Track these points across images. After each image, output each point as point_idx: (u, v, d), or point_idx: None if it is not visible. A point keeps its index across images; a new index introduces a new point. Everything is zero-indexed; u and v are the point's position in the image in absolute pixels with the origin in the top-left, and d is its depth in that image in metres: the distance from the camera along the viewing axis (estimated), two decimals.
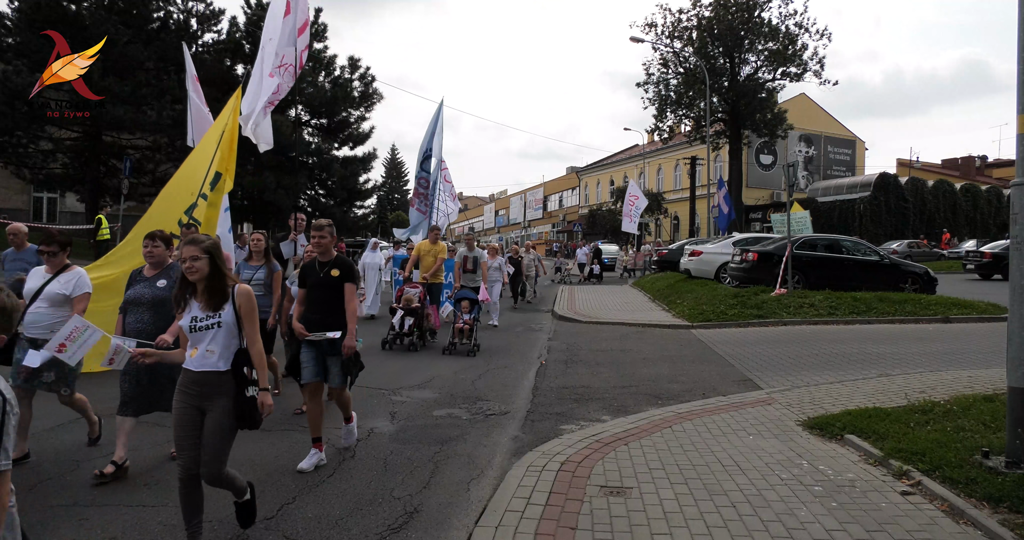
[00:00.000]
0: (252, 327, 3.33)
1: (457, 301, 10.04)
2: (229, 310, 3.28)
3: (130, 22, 22.85)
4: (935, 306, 13.11)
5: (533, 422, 5.96)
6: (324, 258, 4.87)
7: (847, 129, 52.42)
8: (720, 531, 3.51)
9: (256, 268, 6.47)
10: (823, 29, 32.77)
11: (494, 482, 4.38)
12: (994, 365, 7.65)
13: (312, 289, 4.82)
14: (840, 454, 4.76)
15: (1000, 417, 4.87)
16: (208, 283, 3.26)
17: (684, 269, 20.04)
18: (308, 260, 5.14)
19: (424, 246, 10.71)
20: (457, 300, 10.06)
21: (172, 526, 3.59)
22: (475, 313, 9.86)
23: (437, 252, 10.53)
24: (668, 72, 33.02)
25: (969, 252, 25.02)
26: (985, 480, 3.95)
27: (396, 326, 9.70)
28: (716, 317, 12.71)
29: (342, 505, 3.99)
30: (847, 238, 17.70)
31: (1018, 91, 4.21)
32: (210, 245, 3.27)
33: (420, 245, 10.86)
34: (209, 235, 3.49)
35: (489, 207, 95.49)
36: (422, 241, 11.16)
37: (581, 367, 8.60)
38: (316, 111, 28.01)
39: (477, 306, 9.99)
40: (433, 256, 10.48)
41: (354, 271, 4.86)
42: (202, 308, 3.28)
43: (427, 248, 10.62)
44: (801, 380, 7.48)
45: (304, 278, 4.91)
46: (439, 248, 10.59)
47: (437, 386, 7.38)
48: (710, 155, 32.39)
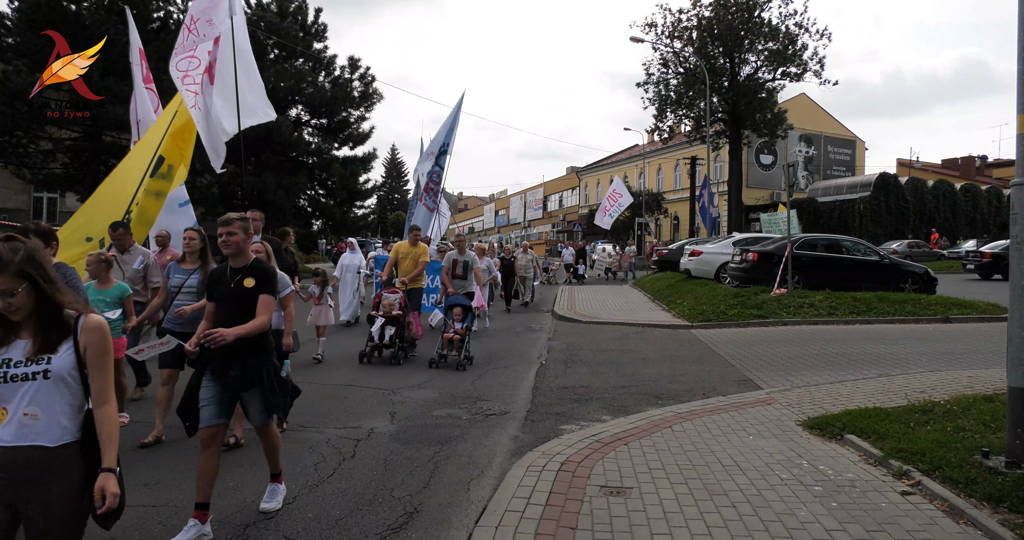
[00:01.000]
0: (104, 377, 2.22)
1: (448, 308, 8.84)
2: (66, 353, 2.17)
3: None
4: (935, 306, 13.11)
5: (533, 422, 5.96)
6: (236, 263, 3.83)
7: (847, 129, 52.41)
8: (720, 531, 3.51)
9: (188, 272, 5.36)
10: (823, 29, 32.80)
11: (494, 482, 4.38)
12: (994, 365, 7.65)
13: (220, 303, 3.80)
14: (840, 454, 4.76)
15: (1000, 417, 4.87)
16: (37, 315, 2.16)
17: (684, 269, 20.03)
18: (219, 265, 4.09)
19: (403, 247, 9.54)
20: (448, 307, 8.84)
21: (172, 526, 3.59)
22: (468, 322, 8.82)
23: (418, 255, 9.42)
24: (668, 72, 33.02)
25: (969, 252, 25.01)
26: (985, 480, 3.95)
27: (375, 336, 8.54)
28: (716, 317, 12.71)
29: (342, 505, 3.98)
30: (847, 238, 17.70)
31: (1018, 91, 4.22)
32: (22, 263, 2.10)
33: (398, 247, 9.65)
34: (22, 245, 2.17)
35: (489, 207, 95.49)
36: (400, 242, 9.87)
37: (581, 367, 8.60)
38: (316, 111, 27.98)
39: (471, 314, 8.97)
40: (413, 260, 9.36)
41: (274, 280, 3.86)
42: (26, 349, 2.15)
43: (406, 250, 9.45)
44: (801, 380, 7.48)
45: (211, 289, 3.91)
46: (420, 251, 9.47)
47: (437, 386, 7.38)
48: (710, 155, 32.38)
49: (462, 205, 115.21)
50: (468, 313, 8.84)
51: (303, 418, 5.81)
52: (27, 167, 23.39)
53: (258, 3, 27.04)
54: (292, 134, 25.11)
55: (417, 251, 9.41)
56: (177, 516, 3.70)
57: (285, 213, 25.67)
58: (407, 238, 9.92)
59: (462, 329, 8.62)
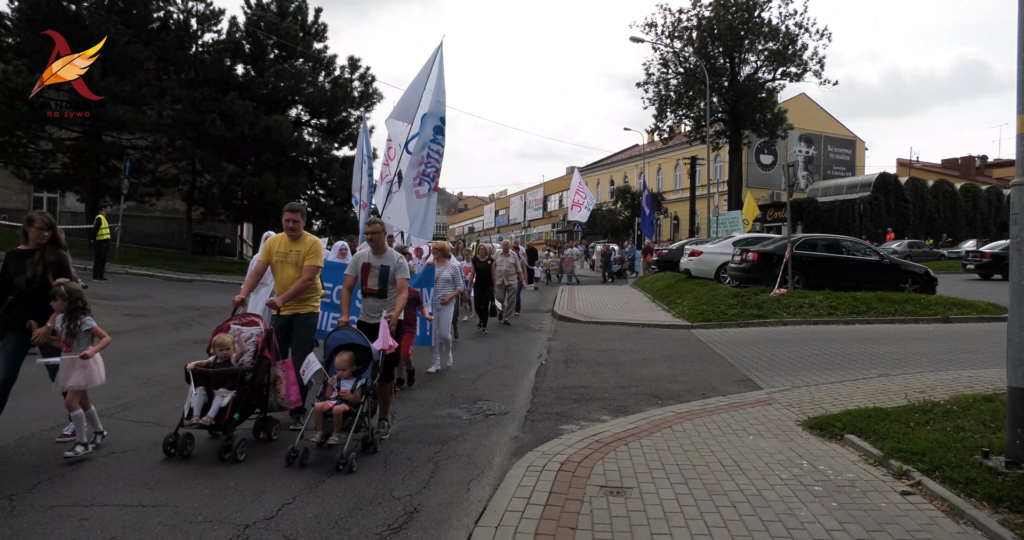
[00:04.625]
0: None
1: (332, 353, 5.14)
2: None
3: (130, 22, 22.83)
4: (935, 306, 13.11)
5: (533, 422, 5.96)
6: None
7: (847, 129, 52.40)
8: (720, 531, 3.51)
9: None
10: (823, 29, 32.89)
11: (494, 482, 4.38)
12: (994, 365, 7.65)
13: None
14: (840, 454, 4.76)
15: (1000, 417, 4.87)
16: None
17: (684, 269, 20.04)
18: None
19: (278, 244, 5.64)
20: (331, 352, 5.15)
21: (172, 526, 3.59)
22: (367, 378, 5.01)
23: (303, 254, 5.55)
24: (668, 72, 33.07)
25: (969, 252, 25.02)
26: (985, 480, 3.95)
27: (194, 409, 4.79)
28: (716, 317, 12.71)
29: (342, 505, 3.98)
30: (847, 238, 17.71)
31: (1018, 91, 4.21)
32: None
33: (271, 242, 5.71)
34: None
35: (489, 207, 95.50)
36: (274, 236, 5.85)
37: (581, 367, 8.60)
38: (316, 111, 27.97)
39: (373, 364, 5.03)
40: (295, 264, 5.55)
41: None
42: None
43: (283, 248, 5.60)
44: (801, 380, 7.48)
45: None
46: (306, 246, 5.57)
47: (437, 386, 7.38)
48: (710, 155, 32.42)
49: (462, 205, 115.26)
50: (368, 362, 5.04)
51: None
52: (27, 167, 23.40)
53: (258, 3, 27.02)
54: (292, 134, 25.09)
55: (301, 248, 5.57)
56: (177, 516, 3.70)
57: None
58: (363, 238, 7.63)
59: (355, 394, 4.91)
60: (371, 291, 5.56)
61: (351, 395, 4.93)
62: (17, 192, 27.77)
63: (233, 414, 4.76)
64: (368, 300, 5.60)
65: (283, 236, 5.66)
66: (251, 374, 4.91)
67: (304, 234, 5.65)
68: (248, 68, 26.66)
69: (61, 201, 29.30)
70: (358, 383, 5.00)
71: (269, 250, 5.68)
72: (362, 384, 4.99)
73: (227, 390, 4.82)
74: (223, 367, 4.92)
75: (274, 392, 5.19)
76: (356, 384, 5.00)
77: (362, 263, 5.60)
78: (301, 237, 5.63)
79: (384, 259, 5.56)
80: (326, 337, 5.30)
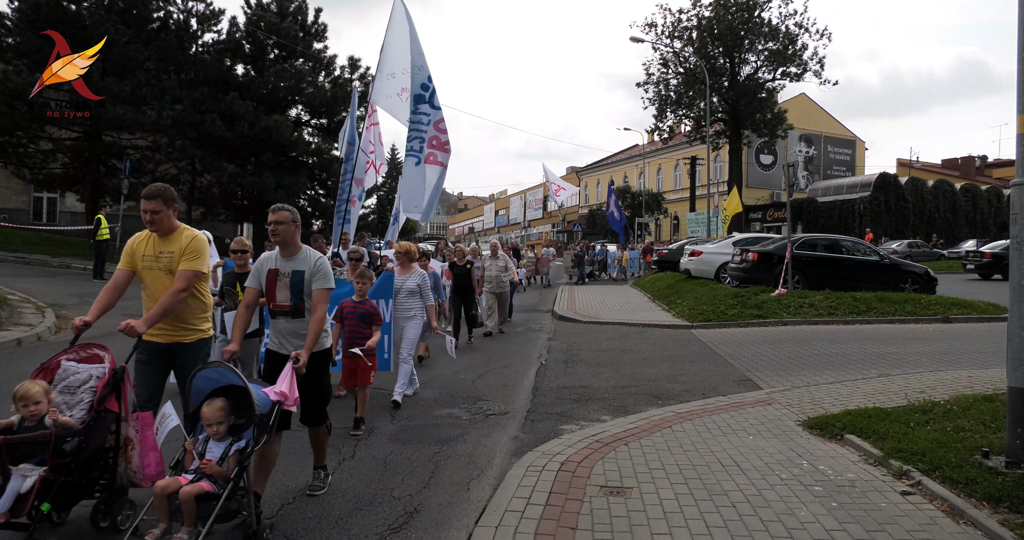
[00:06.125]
0: None
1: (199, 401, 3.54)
2: None
3: (130, 22, 22.83)
4: (935, 306, 13.11)
5: (533, 422, 5.96)
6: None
7: (847, 129, 52.44)
8: (720, 531, 3.51)
9: None
10: (823, 29, 32.81)
11: (494, 482, 4.38)
12: (994, 365, 7.65)
13: None
14: (840, 454, 4.76)
15: (1000, 417, 4.87)
16: None
17: (684, 269, 20.05)
18: None
19: (142, 244, 4.02)
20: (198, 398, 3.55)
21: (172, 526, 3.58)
22: (247, 441, 3.44)
23: (180, 253, 3.95)
24: (668, 72, 33.04)
25: (969, 252, 25.03)
26: (985, 480, 3.95)
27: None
28: (716, 317, 12.71)
29: (342, 505, 3.99)
30: (847, 238, 17.71)
31: (1018, 91, 4.21)
32: None
33: (133, 244, 4.03)
34: None
35: (489, 207, 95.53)
36: (136, 235, 4.10)
37: (581, 367, 8.60)
38: (316, 111, 27.97)
39: (257, 422, 3.44)
40: (167, 270, 3.96)
41: None
42: None
43: (151, 249, 4.00)
44: (801, 380, 7.48)
45: None
46: (181, 244, 3.97)
47: (437, 386, 7.38)
48: (710, 155, 32.42)
49: (462, 205, 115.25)
50: (248, 417, 3.51)
51: None
52: (27, 167, 23.40)
53: (258, 3, 27.02)
54: (292, 134, 25.10)
55: (174, 247, 3.96)
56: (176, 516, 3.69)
57: None
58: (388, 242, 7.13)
59: (225, 464, 3.37)
60: (281, 308, 4.01)
61: (217, 467, 3.28)
62: (17, 192, 27.77)
63: (42, 504, 3.11)
64: (279, 321, 4.04)
65: (148, 234, 4.01)
66: (78, 439, 3.26)
67: (179, 228, 4.02)
68: (248, 68, 26.66)
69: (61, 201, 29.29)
70: (234, 447, 3.38)
71: (132, 253, 3.98)
72: (240, 449, 3.38)
73: (32, 467, 3.16)
74: (26, 432, 3.25)
75: (124, 460, 3.48)
76: (230, 448, 3.38)
77: (267, 270, 4.03)
78: (174, 232, 3.98)
79: (296, 262, 4.00)
80: (191, 377, 3.53)
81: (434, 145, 9.69)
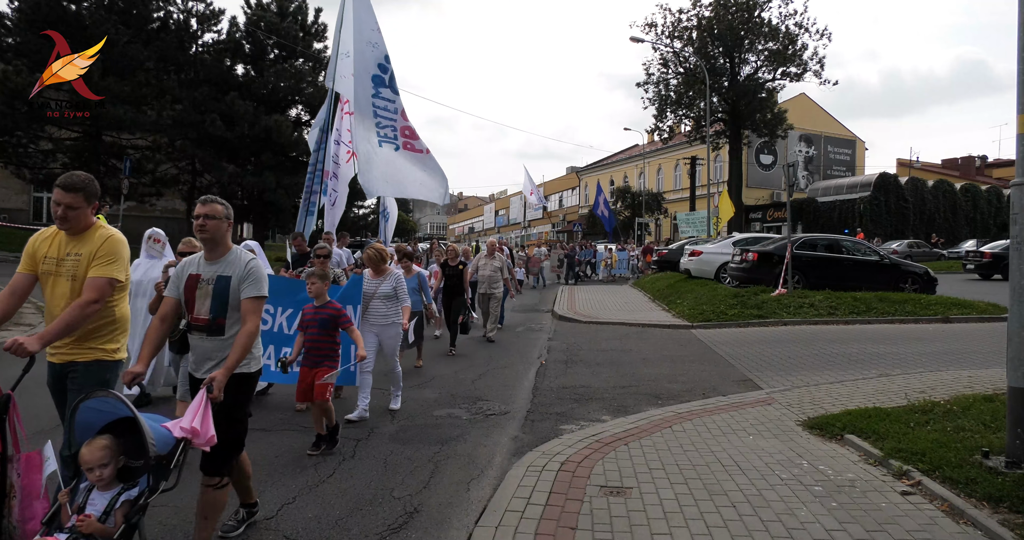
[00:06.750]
0: None
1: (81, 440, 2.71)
2: None
3: (130, 22, 22.86)
4: (935, 306, 13.11)
5: (533, 422, 5.96)
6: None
7: (847, 129, 52.41)
8: (720, 531, 3.51)
9: None
10: (823, 29, 32.82)
11: (494, 482, 4.38)
12: (994, 365, 7.65)
13: None
14: (840, 454, 4.76)
15: (1000, 417, 4.87)
16: None
17: (684, 269, 20.05)
18: None
19: (46, 243, 3.31)
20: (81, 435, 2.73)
21: (172, 526, 3.59)
22: (140, 489, 2.66)
23: (89, 256, 3.23)
24: (668, 72, 33.04)
25: (969, 252, 25.02)
26: (985, 480, 3.95)
27: None
28: (716, 317, 12.71)
29: (342, 505, 3.99)
30: (847, 238, 17.71)
31: (1018, 91, 4.21)
32: None
33: (34, 243, 3.33)
34: None
35: (489, 207, 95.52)
36: (39, 232, 3.41)
37: (581, 367, 8.60)
38: (316, 111, 27.95)
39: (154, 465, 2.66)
40: (71, 276, 3.23)
41: None
42: None
43: (55, 250, 3.28)
44: (801, 380, 7.48)
45: None
46: (93, 245, 3.25)
47: (437, 386, 7.38)
48: (710, 155, 32.41)
49: (462, 205, 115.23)
50: (144, 459, 2.68)
51: (303, 419, 5.81)
52: (27, 167, 23.42)
53: (258, 3, 27.04)
54: (292, 134, 25.14)
55: (83, 248, 3.26)
56: (177, 516, 3.69)
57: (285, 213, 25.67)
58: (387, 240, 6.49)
59: (111, 518, 2.57)
60: (199, 322, 3.29)
61: (98, 524, 2.53)
62: (17, 192, 27.78)
63: None
64: (194, 338, 3.35)
65: (55, 232, 3.33)
66: None
67: (93, 226, 3.33)
68: (248, 68, 26.70)
69: None
70: (122, 497, 2.64)
71: (33, 255, 3.32)
72: (130, 499, 2.64)
73: None
74: None
75: (6, 510, 2.76)
76: (117, 499, 2.63)
77: (187, 275, 3.36)
78: (86, 231, 3.30)
79: (222, 265, 3.33)
80: (72, 411, 2.76)
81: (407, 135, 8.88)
